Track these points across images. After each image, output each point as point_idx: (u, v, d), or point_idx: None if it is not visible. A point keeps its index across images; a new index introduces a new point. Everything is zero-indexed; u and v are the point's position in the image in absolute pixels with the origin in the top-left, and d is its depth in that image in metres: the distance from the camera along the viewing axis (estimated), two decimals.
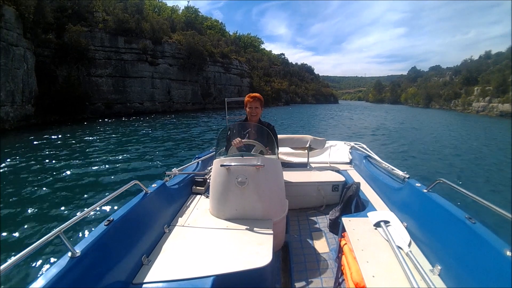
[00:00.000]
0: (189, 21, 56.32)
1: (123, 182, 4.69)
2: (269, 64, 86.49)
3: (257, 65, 74.27)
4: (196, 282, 1.67)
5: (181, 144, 14.99)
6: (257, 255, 1.89)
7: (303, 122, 32.03)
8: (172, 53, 41.42)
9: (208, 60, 48.18)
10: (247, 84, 60.41)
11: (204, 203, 2.84)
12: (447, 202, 2.00)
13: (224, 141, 2.92)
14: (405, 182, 2.65)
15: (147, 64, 37.71)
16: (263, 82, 70.24)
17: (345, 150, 4.94)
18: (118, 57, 34.89)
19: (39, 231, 5.22)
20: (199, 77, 45.88)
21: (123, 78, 34.99)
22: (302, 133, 10.96)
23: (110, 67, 34.02)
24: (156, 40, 39.39)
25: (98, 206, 1.82)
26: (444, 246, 1.78)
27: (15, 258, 1.21)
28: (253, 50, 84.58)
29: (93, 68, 32.39)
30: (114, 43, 34.92)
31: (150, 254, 1.97)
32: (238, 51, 65.09)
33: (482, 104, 57.83)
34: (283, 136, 4.42)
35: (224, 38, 67.80)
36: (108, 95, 33.14)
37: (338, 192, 3.65)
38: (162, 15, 51.55)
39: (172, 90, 41.10)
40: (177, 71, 41.74)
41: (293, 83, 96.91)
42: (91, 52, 32.21)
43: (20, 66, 23.54)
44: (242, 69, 59.37)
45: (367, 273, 1.71)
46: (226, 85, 53.27)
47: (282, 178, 2.61)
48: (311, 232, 3.17)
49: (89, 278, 1.47)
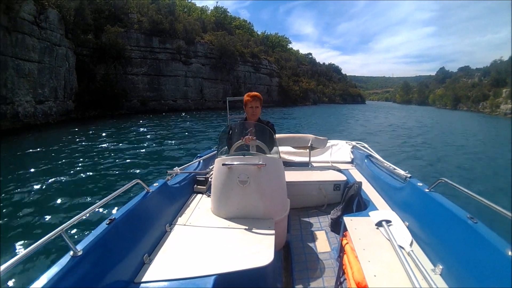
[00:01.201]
0: (218, 22, 56.72)
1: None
2: (297, 64, 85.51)
3: (285, 64, 73.29)
4: (198, 281, 1.64)
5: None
6: (259, 254, 1.86)
7: (331, 122, 31.42)
8: (205, 53, 42.42)
9: (239, 60, 48.51)
10: (276, 84, 60.16)
11: (205, 202, 2.81)
12: (449, 202, 1.97)
13: (225, 140, 2.88)
14: (406, 181, 2.62)
15: (180, 64, 38.85)
16: (292, 81, 69.26)
17: (346, 149, 4.87)
18: (153, 56, 36.06)
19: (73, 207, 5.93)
20: (230, 76, 46.54)
21: (157, 77, 36.21)
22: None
23: (146, 66, 35.22)
24: (189, 41, 40.28)
25: (100, 205, 1.77)
26: (446, 246, 1.76)
27: (17, 257, 1.18)
28: (280, 49, 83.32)
29: (129, 67, 33.45)
30: (149, 43, 36.02)
31: (151, 253, 1.96)
32: (266, 51, 64.67)
33: (510, 107, 54.97)
34: (285, 135, 4.49)
35: (253, 38, 67.53)
36: (144, 93, 34.26)
37: (339, 192, 3.63)
38: (192, 16, 52.13)
39: (204, 88, 42.04)
40: (209, 70, 42.71)
41: (320, 83, 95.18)
42: (128, 52, 33.21)
43: (62, 64, 24.41)
44: (271, 68, 59.06)
45: (368, 273, 1.69)
46: (256, 84, 53.36)
47: (284, 177, 2.58)
48: (313, 231, 3.14)
49: (91, 277, 1.45)
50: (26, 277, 3.40)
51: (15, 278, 3.37)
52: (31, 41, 20.65)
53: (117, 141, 14.56)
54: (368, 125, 28.29)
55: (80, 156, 10.95)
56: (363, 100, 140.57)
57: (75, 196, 6.63)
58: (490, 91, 67.54)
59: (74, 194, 6.79)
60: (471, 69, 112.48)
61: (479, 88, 76.86)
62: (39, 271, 3.36)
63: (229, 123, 3.40)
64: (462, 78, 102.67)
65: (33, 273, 3.48)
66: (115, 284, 1.58)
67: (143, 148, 12.71)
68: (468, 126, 30.56)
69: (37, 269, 3.53)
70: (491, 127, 31.14)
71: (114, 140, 14.68)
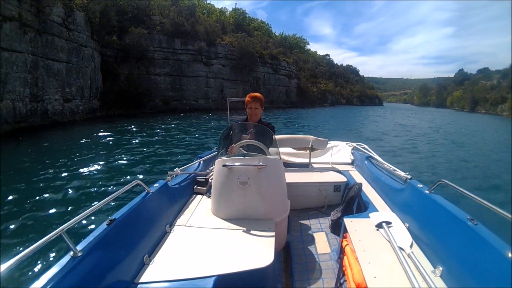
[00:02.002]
0: (238, 23, 56.90)
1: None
2: (315, 65, 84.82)
3: (303, 66, 72.85)
4: (198, 282, 1.63)
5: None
6: (259, 255, 1.84)
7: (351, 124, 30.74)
8: (225, 54, 42.83)
9: (258, 61, 48.59)
10: (295, 85, 59.90)
11: (206, 203, 2.77)
12: (449, 203, 1.95)
13: (226, 141, 2.84)
14: (407, 183, 2.59)
15: (202, 65, 39.38)
16: (310, 83, 68.85)
17: (347, 150, 4.81)
18: (175, 57, 36.68)
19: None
20: (249, 77, 46.79)
21: (179, 77, 36.86)
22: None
23: (168, 66, 35.87)
24: (210, 42, 40.72)
25: (100, 206, 1.75)
26: (446, 247, 1.74)
27: (17, 257, 1.17)
28: (298, 51, 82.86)
29: (152, 67, 34.08)
30: (171, 45, 36.62)
31: (152, 254, 1.93)
32: (285, 52, 64.39)
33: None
34: (285, 136, 4.45)
35: (272, 39, 67.36)
36: (166, 92, 34.85)
37: (339, 193, 3.58)
38: (211, 17, 52.53)
39: (225, 89, 42.34)
40: (229, 71, 43.10)
41: (338, 85, 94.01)
42: (150, 53, 33.81)
43: (88, 64, 24.97)
44: (290, 70, 58.83)
45: (368, 274, 1.67)
46: (275, 86, 53.41)
47: (284, 178, 2.55)
48: (313, 232, 3.10)
49: (91, 278, 1.44)
50: (26, 278, 3.40)
51: (15, 278, 3.36)
52: (60, 42, 21.19)
53: (144, 137, 15.27)
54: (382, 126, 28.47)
55: (106, 151, 11.63)
56: (381, 102, 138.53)
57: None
58: (509, 94, 65.81)
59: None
60: (490, 71, 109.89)
61: (497, 90, 75.49)
62: (39, 271, 3.53)
63: (230, 124, 3.32)
64: (481, 80, 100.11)
65: (33, 273, 3.50)
66: (115, 284, 1.56)
67: (171, 144, 13.30)
68: (479, 129, 29.66)
69: (37, 270, 3.55)
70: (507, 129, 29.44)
71: (141, 137, 15.28)
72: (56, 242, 3.79)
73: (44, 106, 19.34)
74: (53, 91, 20.31)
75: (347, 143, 5.08)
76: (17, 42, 16.90)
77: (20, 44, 17.17)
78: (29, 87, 17.92)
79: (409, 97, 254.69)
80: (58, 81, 20.93)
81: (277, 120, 27.42)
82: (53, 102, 20.26)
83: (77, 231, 4.41)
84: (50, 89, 20.00)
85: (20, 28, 17.12)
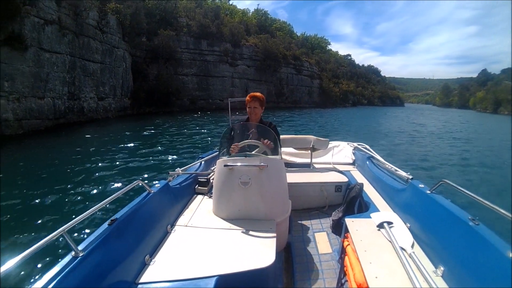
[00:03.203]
0: (261, 24, 56.84)
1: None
2: (336, 66, 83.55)
3: (325, 66, 71.81)
4: (199, 282, 1.62)
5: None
6: (260, 255, 1.83)
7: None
8: (250, 55, 43.22)
9: (282, 62, 48.47)
10: (317, 85, 59.34)
11: (207, 203, 2.73)
12: (450, 204, 1.92)
13: (227, 142, 2.79)
14: (408, 183, 2.54)
15: (227, 65, 39.88)
16: (332, 83, 67.86)
17: (348, 150, 4.73)
18: (202, 58, 37.24)
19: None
20: (273, 78, 46.89)
21: (206, 77, 37.41)
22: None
23: (195, 67, 36.49)
24: (235, 43, 41.17)
25: (102, 206, 1.72)
26: (447, 248, 1.72)
27: (18, 257, 1.17)
28: (320, 51, 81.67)
29: (179, 68, 34.73)
30: (198, 46, 37.20)
31: (153, 254, 1.90)
32: (307, 53, 63.82)
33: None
34: (286, 136, 4.37)
35: (294, 40, 66.87)
36: (193, 92, 35.43)
37: (341, 193, 3.53)
38: (234, 18, 52.72)
39: (249, 89, 42.35)
40: (254, 72, 43.47)
41: (359, 85, 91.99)
42: (178, 54, 34.41)
43: (120, 65, 25.72)
44: (312, 70, 58.29)
45: (370, 274, 1.66)
46: (298, 86, 53.14)
47: (285, 179, 2.49)
48: (314, 232, 3.07)
49: (92, 278, 1.43)
50: (28, 277, 3.37)
51: (16, 278, 3.32)
52: (95, 44, 21.94)
53: (173, 134, 15.66)
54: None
55: (136, 145, 12.23)
56: (402, 103, 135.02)
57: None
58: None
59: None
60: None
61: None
62: (41, 271, 3.47)
63: (231, 124, 3.28)
64: (504, 80, 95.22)
65: (35, 273, 3.45)
66: (117, 284, 1.54)
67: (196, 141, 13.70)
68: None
69: (39, 270, 3.50)
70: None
71: (169, 134, 15.61)
72: (57, 242, 3.85)
73: (80, 103, 20.08)
74: (88, 89, 21.04)
75: (348, 143, 5.02)
76: (57, 44, 17.59)
77: (60, 45, 17.85)
78: (67, 86, 18.65)
79: (431, 98, 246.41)
80: (93, 80, 21.70)
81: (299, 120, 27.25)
82: (88, 100, 20.99)
83: (79, 231, 4.38)
84: (86, 88, 20.73)
85: (59, 30, 17.80)
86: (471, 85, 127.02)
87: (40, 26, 16.08)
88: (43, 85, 16.22)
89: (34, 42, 15.59)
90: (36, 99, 15.58)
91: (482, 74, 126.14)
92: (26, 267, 3.45)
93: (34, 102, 15.42)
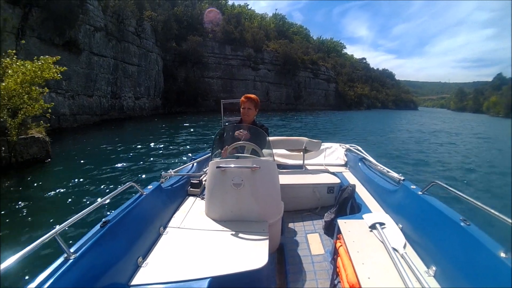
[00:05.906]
0: (279, 29, 57.29)
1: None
2: (352, 70, 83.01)
3: (341, 70, 71.31)
4: (192, 283, 1.59)
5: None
6: (253, 257, 1.79)
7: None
8: (270, 60, 44.00)
9: (300, 66, 48.92)
10: (333, 89, 59.07)
11: (199, 204, 2.67)
12: (442, 204, 1.92)
13: (219, 143, 2.67)
14: (400, 184, 2.52)
15: (250, 69, 40.91)
16: (347, 87, 67.48)
17: (340, 152, 4.64)
18: (226, 62, 38.39)
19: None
20: (292, 81, 47.26)
21: (230, 80, 38.52)
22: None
23: (220, 70, 37.62)
24: (257, 49, 42.06)
25: (94, 208, 1.71)
26: (439, 248, 1.72)
27: (10, 261, 1.13)
28: (336, 55, 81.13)
29: (206, 71, 35.98)
30: (222, 51, 38.42)
31: (146, 256, 1.87)
32: (323, 57, 63.53)
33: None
34: (279, 138, 4.30)
35: (311, 44, 66.85)
36: (218, 94, 36.22)
37: (333, 194, 3.46)
38: (253, 23, 53.41)
39: (270, 91, 43.54)
40: (274, 76, 44.08)
41: (374, 88, 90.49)
42: (205, 58, 35.61)
43: (153, 67, 27.14)
44: (328, 74, 58.10)
45: (362, 275, 1.64)
46: (315, 89, 53.20)
47: (278, 180, 2.42)
48: (306, 234, 2.99)
49: (85, 280, 1.39)
50: (19, 280, 3.19)
51: (8, 282, 3.17)
52: (133, 49, 23.37)
53: (198, 134, 16.08)
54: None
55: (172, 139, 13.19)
56: (416, 106, 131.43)
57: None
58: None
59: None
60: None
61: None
62: (32, 274, 3.20)
63: (223, 126, 3.16)
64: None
65: (26, 276, 3.26)
66: (109, 287, 1.52)
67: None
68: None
69: (30, 273, 3.27)
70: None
71: (195, 134, 16.20)
72: (49, 245, 3.64)
73: (120, 102, 21.62)
74: (127, 90, 22.54)
75: (341, 144, 4.95)
76: (104, 48, 19.11)
77: (106, 50, 19.35)
78: (111, 86, 20.19)
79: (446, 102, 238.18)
80: (131, 81, 23.18)
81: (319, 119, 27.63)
82: (127, 99, 22.50)
83: (71, 233, 4.19)
84: (125, 88, 22.25)
85: (106, 36, 19.23)
86: (486, 89, 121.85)
87: (91, 33, 17.59)
88: (92, 85, 17.73)
89: (86, 47, 17.14)
90: (86, 97, 17.10)
91: (497, 78, 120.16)
92: (18, 270, 3.29)
93: (85, 99, 16.93)
